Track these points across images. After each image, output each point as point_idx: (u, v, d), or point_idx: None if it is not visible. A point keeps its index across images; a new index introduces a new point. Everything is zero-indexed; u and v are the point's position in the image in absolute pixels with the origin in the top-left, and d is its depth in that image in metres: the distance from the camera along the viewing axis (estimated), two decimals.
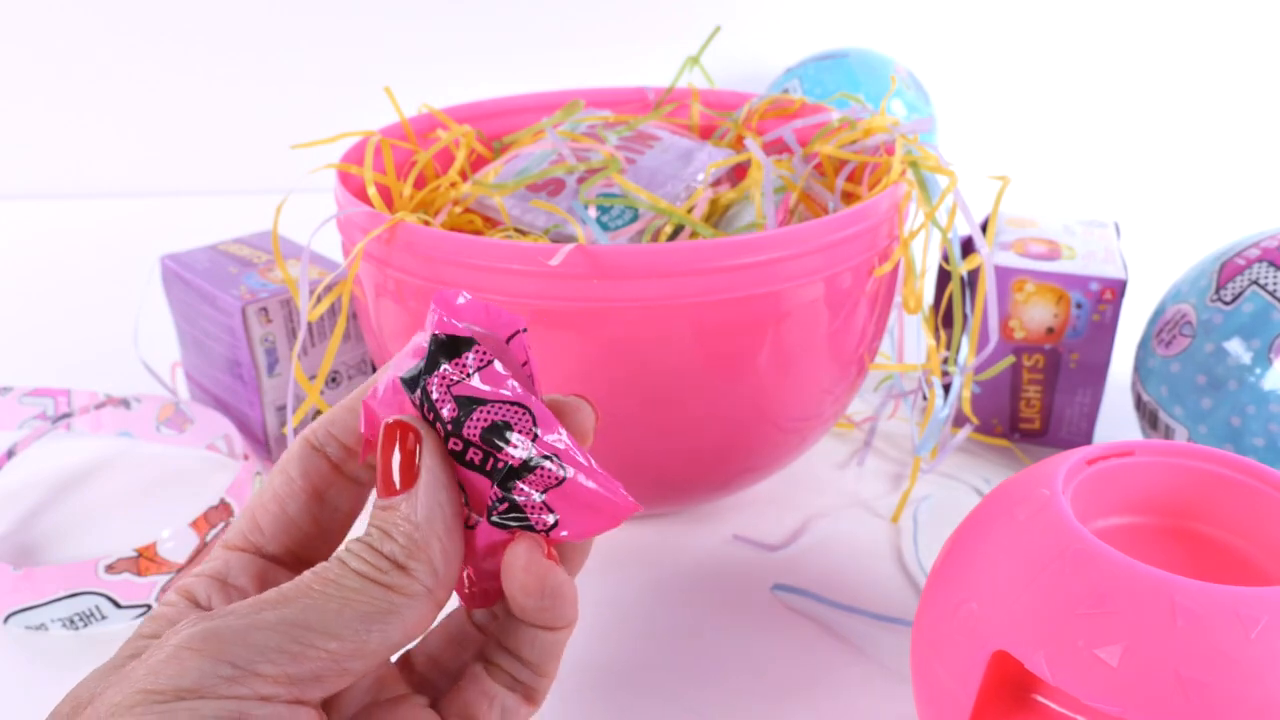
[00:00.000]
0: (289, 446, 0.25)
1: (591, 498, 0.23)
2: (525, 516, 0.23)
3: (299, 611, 0.21)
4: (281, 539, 0.25)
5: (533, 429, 0.23)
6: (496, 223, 0.49)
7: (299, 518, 0.25)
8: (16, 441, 0.49)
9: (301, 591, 0.22)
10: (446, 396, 0.23)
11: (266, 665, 0.20)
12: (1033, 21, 0.95)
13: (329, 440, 0.25)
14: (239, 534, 0.25)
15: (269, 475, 0.25)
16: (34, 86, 0.92)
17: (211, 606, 0.23)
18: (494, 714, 0.25)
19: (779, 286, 0.38)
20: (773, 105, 0.56)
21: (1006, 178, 0.47)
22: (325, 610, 0.21)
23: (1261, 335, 0.42)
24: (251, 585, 0.24)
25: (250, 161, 0.94)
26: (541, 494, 0.23)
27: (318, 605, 0.21)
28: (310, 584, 0.22)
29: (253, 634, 0.20)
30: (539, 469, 0.23)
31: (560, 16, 0.93)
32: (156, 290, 0.58)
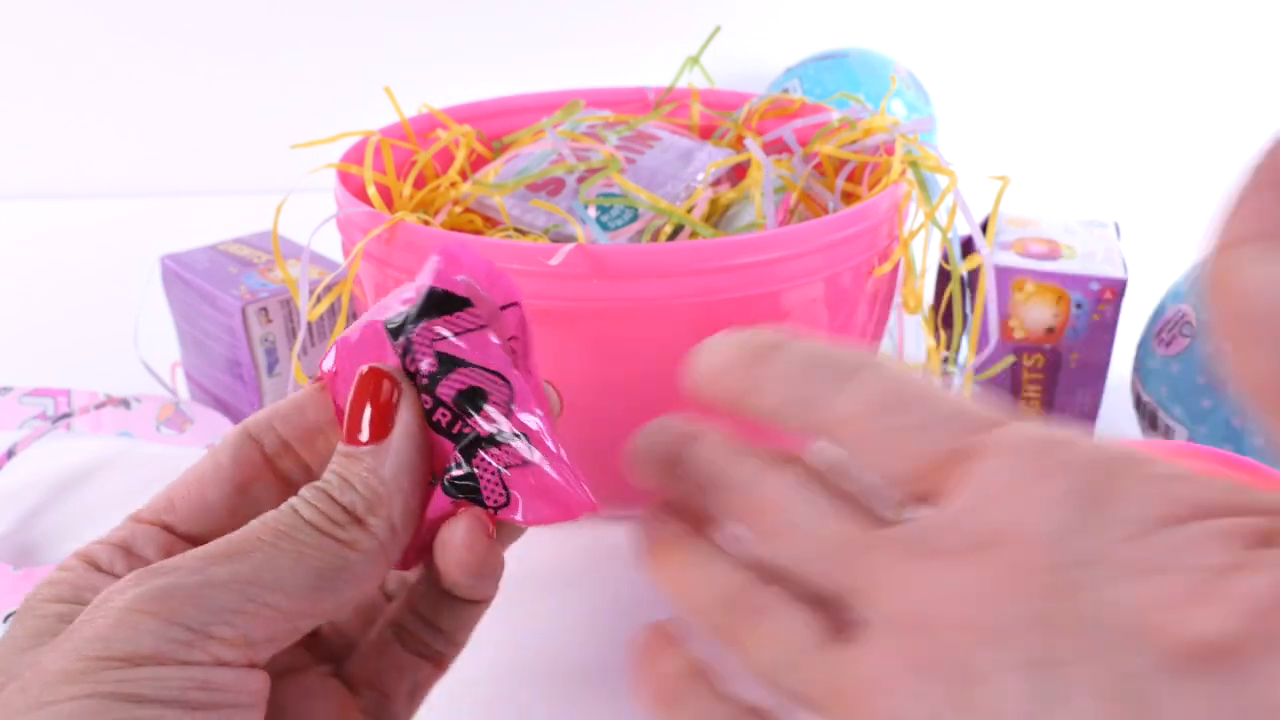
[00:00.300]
0: (226, 433, 0.25)
1: (551, 486, 0.22)
2: (478, 489, 0.22)
3: (252, 567, 0.20)
4: (194, 523, 0.23)
5: (509, 404, 0.22)
6: (496, 223, 0.49)
7: (217, 506, 0.23)
8: (16, 441, 0.49)
9: (251, 544, 0.20)
10: (428, 350, 0.22)
11: (223, 628, 0.19)
12: (1033, 21, 0.95)
13: (268, 432, 0.24)
14: (151, 510, 0.23)
15: (195, 463, 0.24)
16: (34, 86, 0.92)
17: (115, 572, 0.22)
18: (405, 684, 0.25)
19: (779, 286, 0.38)
20: (773, 105, 0.56)
21: (1006, 178, 0.47)
22: (279, 565, 0.20)
23: None
24: (157, 558, 0.22)
25: (250, 161, 0.93)
26: (502, 469, 0.22)
27: (270, 560, 0.20)
28: (260, 535, 0.20)
29: (206, 592, 0.19)
30: (505, 445, 0.22)
31: (560, 16, 0.93)
32: (156, 290, 0.58)
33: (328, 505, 0.21)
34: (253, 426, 0.24)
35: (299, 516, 0.21)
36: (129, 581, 0.19)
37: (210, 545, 0.20)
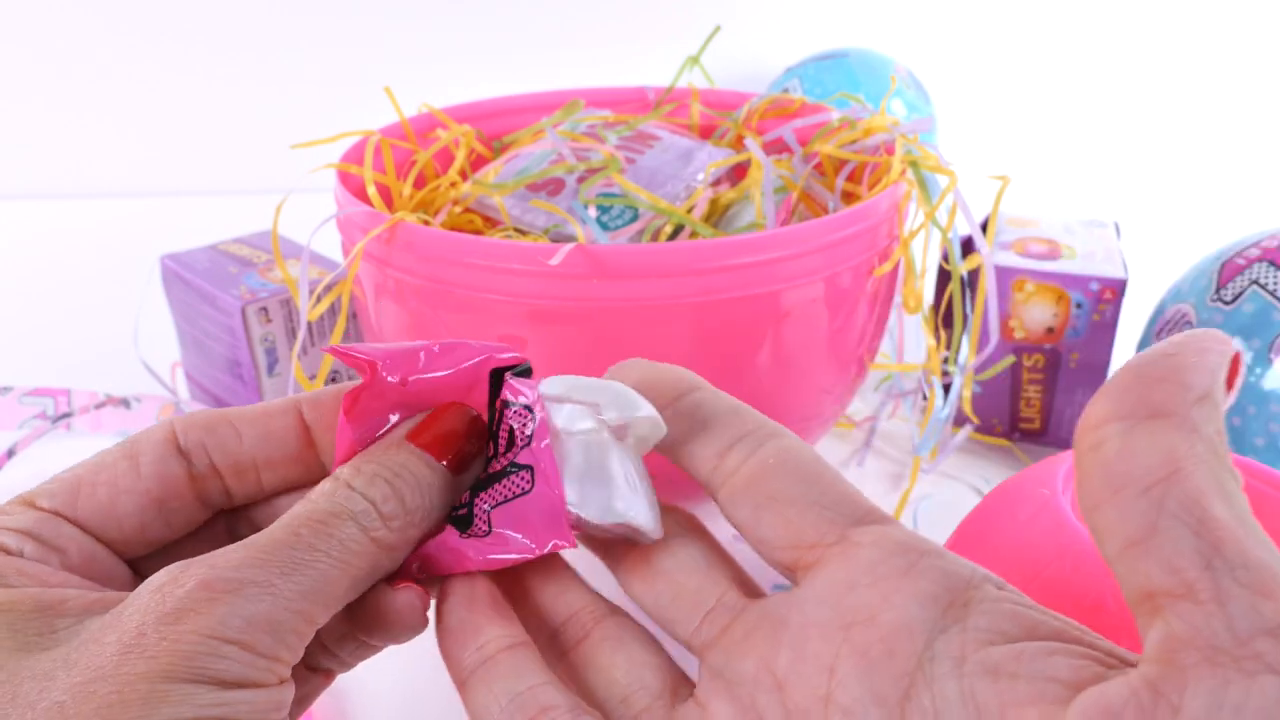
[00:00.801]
0: (149, 430, 0.22)
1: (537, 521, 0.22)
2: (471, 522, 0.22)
3: (311, 584, 0.19)
4: (98, 527, 0.21)
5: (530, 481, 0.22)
6: (496, 223, 0.49)
7: (127, 518, 0.21)
8: (16, 441, 0.49)
9: (306, 553, 0.19)
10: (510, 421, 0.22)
11: (286, 652, 0.18)
12: (1033, 21, 0.95)
13: (197, 449, 0.22)
14: (50, 499, 0.21)
15: (112, 449, 0.22)
16: (34, 86, 0.92)
17: (31, 561, 0.20)
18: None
19: (779, 286, 0.38)
20: (773, 105, 0.56)
21: (1006, 178, 0.47)
22: (330, 578, 0.19)
23: (1261, 335, 0.42)
24: (74, 553, 0.21)
25: (250, 161, 0.94)
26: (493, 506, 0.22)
27: (327, 575, 0.19)
28: (313, 542, 0.19)
29: (280, 616, 0.18)
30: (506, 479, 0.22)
31: (560, 16, 0.93)
32: (156, 290, 0.58)
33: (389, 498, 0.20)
34: (183, 439, 0.22)
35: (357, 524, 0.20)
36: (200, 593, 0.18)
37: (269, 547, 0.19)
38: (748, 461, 0.22)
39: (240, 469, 0.23)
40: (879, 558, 0.20)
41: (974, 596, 0.19)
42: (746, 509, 0.22)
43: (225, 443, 0.22)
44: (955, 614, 0.19)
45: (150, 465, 0.22)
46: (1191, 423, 0.16)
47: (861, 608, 0.19)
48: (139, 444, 0.22)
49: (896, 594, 0.19)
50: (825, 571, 0.20)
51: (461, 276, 0.38)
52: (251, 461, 0.23)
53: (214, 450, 0.22)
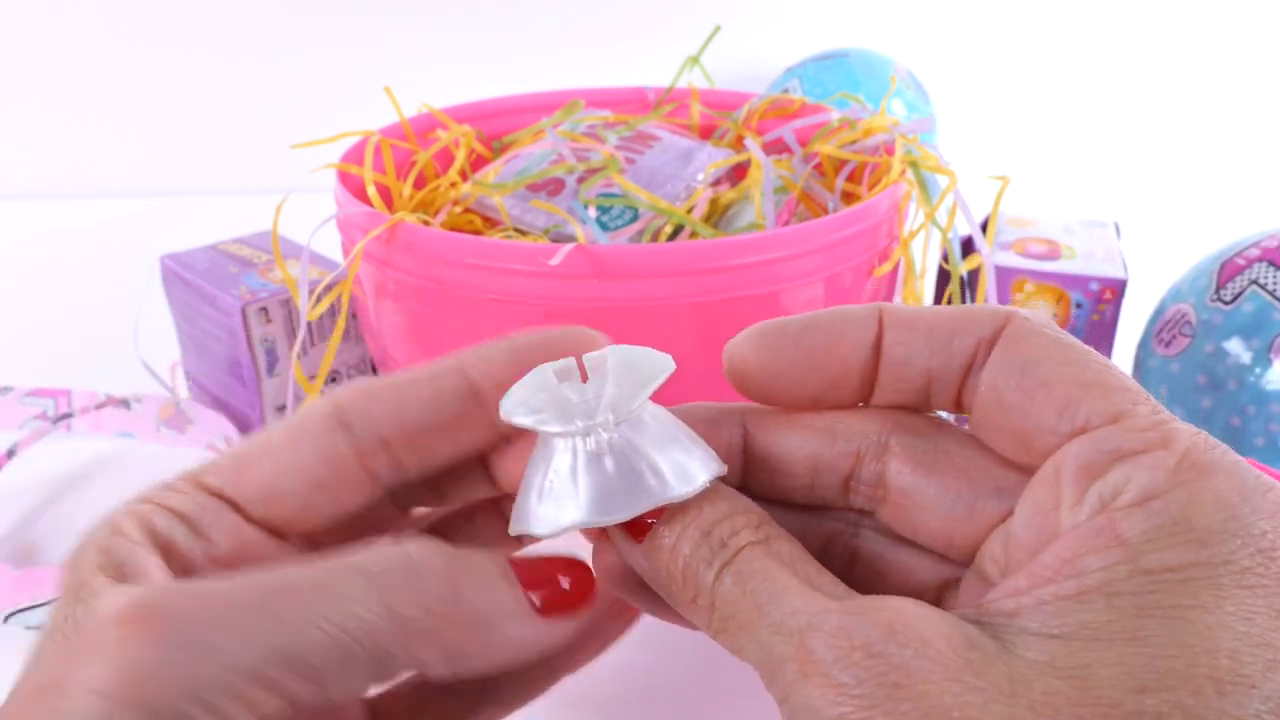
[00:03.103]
0: (314, 403, 0.21)
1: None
2: None
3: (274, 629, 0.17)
4: (261, 509, 0.20)
5: None
6: (496, 223, 0.49)
7: (288, 499, 0.20)
8: (17, 441, 0.49)
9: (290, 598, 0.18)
10: None
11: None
12: (1033, 21, 0.95)
13: (361, 420, 0.20)
14: (218, 475, 0.20)
15: (278, 425, 0.21)
16: (34, 86, 0.92)
17: (177, 547, 0.19)
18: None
19: (779, 286, 0.38)
20: (773, 105, 0.56)
21: (1006, 178, 0.47)
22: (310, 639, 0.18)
23: (1261, 335, 0.42)
24: (225, 544, 0.20)
25: (250, 161, 0.93)
26: None
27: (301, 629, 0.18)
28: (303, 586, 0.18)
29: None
30: None
31: (560, 16, 0.93)
32: (156, 290, 0.58)
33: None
34: (348, 407, 0.20)
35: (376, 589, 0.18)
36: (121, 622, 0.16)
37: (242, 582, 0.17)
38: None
39: (409, 438, 0.21)
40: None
41: None
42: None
43: (390, 411, 0.21)
44: None
45: (311, 440, 0.20)
46: None
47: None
48: (302, 418, 0.21)
49: None
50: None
51: (461, 276, 0.38)
52: (420, 428, 0.21)
53: (379, 420, 0.21)
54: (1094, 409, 0.18)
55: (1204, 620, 0.15)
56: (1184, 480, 0.17)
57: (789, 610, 0.17)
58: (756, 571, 0.18)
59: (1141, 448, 0.17)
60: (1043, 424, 0.19)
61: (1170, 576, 0.16)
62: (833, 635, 0.16)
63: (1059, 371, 0.19)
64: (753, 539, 0.19)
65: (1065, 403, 0.19)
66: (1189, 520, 0.16)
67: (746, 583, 0.18)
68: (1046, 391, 0.19)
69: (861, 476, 0.22)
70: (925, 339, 0.21)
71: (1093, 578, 0.16)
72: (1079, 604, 0.16)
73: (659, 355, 0.21)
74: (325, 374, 0.44)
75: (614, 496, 0.19)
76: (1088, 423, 0.18)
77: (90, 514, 0.22)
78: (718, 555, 0.19)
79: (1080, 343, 0.20)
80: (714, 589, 0.18)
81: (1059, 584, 0.16)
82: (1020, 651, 0.16)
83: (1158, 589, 0.16)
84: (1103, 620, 0.16)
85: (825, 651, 0.16)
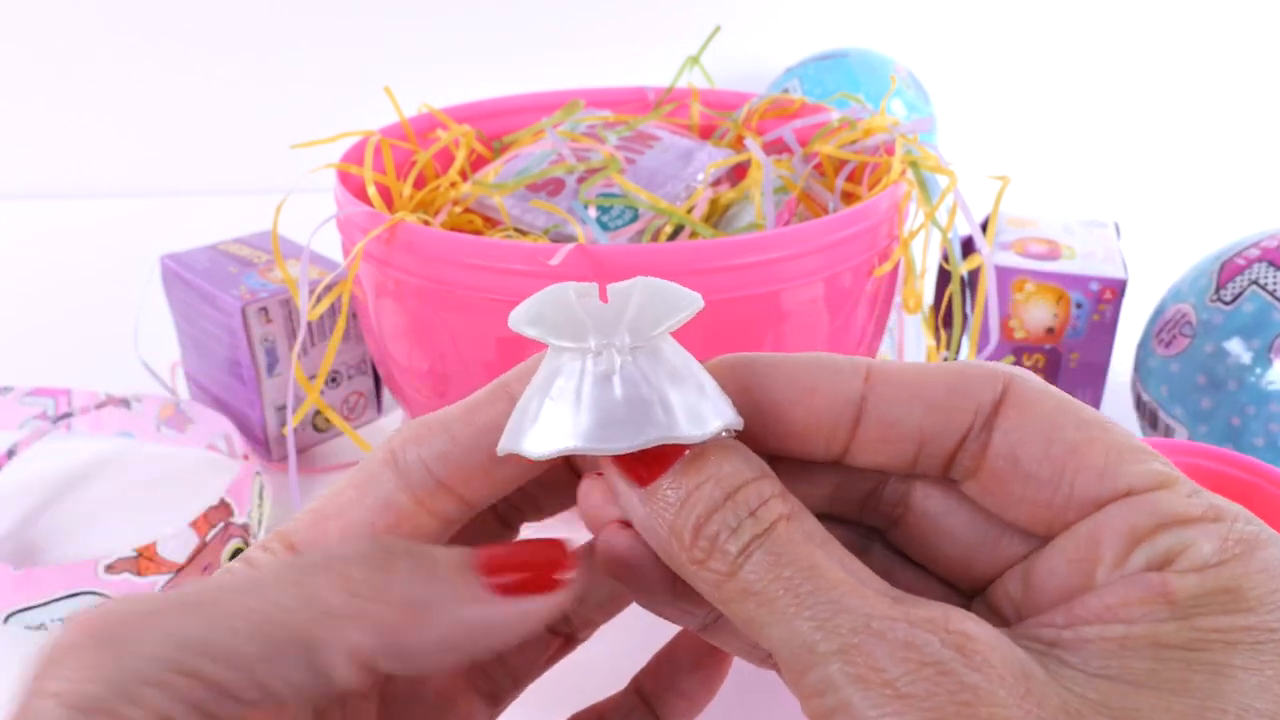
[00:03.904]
0: (373, 452, 0.21)
1: None
2: None
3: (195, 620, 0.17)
4: None
5: None
6: (496, 223, 0.49)
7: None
8: (17, 441, 0.49)
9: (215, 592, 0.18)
10: None
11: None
12: (1033, 21, 0.95)
13: (414, 467, 0.20)
14: (299, 535, 0.20)
15: (343, 478, 0.21)
16: (34, 86, 0.92)
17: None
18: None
19: (779, 286, 0.38)
20: (773, 105, 0.56)
21: (1006, 178, 0.47)
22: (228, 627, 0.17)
23: (1261, 335, 0.42)
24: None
25: (250, 161, 0.94)
26: None
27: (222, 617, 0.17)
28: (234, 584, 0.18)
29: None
30: None
31: (560, 16, 0.93)
32: (156, 290, 0.58)
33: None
34: (400, 458, 0.20)
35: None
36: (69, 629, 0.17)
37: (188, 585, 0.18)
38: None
39: (465, 475, 0.20)
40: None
41: None
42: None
43: (440, 452, 0.20)
44: None
45: (373, 491, 0.20)
46: None
47: None
48: (364, 467, 0.21)
49: None
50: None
51: (461, 276, 0.38)
52: (474, 465, 0.20)
53: (431, 461, 0.20)
54: (1135, 473, 0.18)
55: (1249, 680, 0.16)
56: (1236, 553, 0.17)
57: (840, 608, 0.17)
58: (798, 556, 0.17)
59: (1196, 516, 0.18)
60: (1076, 491, 0.19)
61: (1218, 637, 0.17)
62: (901, 648, 0.16)
63: (1087, 436, 0.19)
64: (784, 511, 0.18)
65: (1104, 468, 0.19)
66: (1240, 589, 0.17)
67: (784, 566, 0.17)
68: (1078, 459, 0.19)
69: (884, 495, 0.21)
70: (918, 400, 0.20)
71: (1140, 628, 0.17)
72: (1125, 650, 0.17)
73: (688, 291, 0.19)
74: (325, 374, 0.44)
75: (617, 425, 0.18)
76: (1131, 487, 0.18)
77: (90, 514, 0.22)
78: (747, 525, 0.18)
79: (1078, 400, 0.20)
80: (740, 561, 0.18)
81: (1103, 627, 0.17)
82: (1069, 685, 0.17)
83: (1206, 647, 0.16)
84: (1149, 669, 0.16)
85: (891, 663, 0.16)
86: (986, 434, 0.20)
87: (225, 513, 0.43)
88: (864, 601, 0.17)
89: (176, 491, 0.50)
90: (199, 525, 0.42)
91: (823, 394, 0.20)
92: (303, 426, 0.52)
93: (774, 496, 0.18)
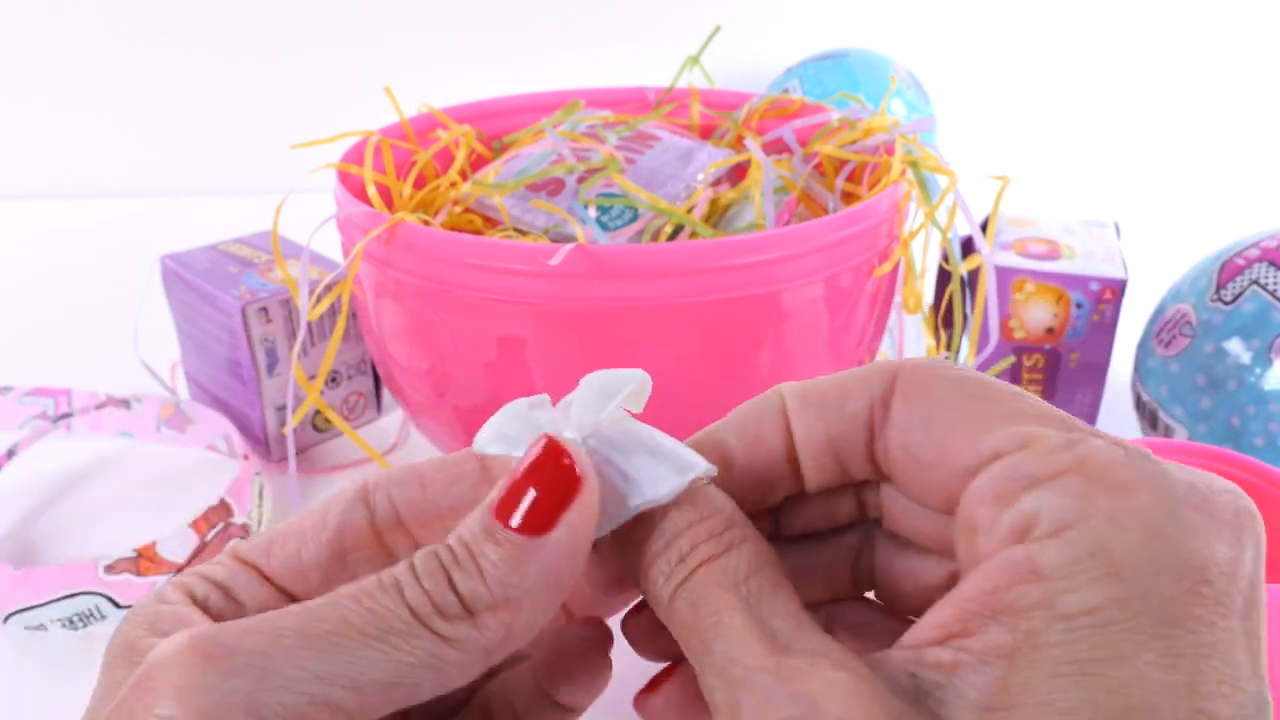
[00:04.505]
0: (345, 485, 0.22)
1: None
2: None
3: (330, 661, 0.17)
4: (288, 579, 0.21)
5: None
6: (496, 223, 0.49)
7: (311, 568, 0.21)
8: (16, 441, 0.49)
9: (338, 624, 0.17)
10: None
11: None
12: (1033, 21, 0.95)
13: (383, 502, 0.22)
14: (252, 549, 0.21)
15: (308, 509, 0.22)
16: (34, 86, 0.92)
17: (212, 611, 0.20)
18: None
19: (779, 286, 0.38)
20: (773, 105, 0.56)
21: (1006, 178, 0.47)
22: (360, 658, 0.17)
23: (1261, 335, 0.42)
24: (251, 607, 0.20)
25: (250, 161, 0.94)
26: None
27: (353, 650, 0.17)
28: (348, 617, 0.17)
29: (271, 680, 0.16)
30: None
31: (560, 16, 0.93)
32: (156, 290, 0.58)
33: (440, 590, 0.18)
34: (371, 494, 0.22)
35: (401, 599, 0.18)
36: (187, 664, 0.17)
37: (289, 615, 0.17)
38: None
39: (426, 519, 0.22)
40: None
41: None
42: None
43: (410, 493, 0.22)
44: None
45: (335, 516, 0.21)
46: None
47: None
48: (335, 495, 0.22)
49: None
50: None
51: (461, 276, 0.38)
52: (436, 510, 0.22)
53: (399, 501, 0.22)
54: (1002, 436, 0.17)
55: (1117, 675, 0.15)
56: (1102, 505, 0.16)
57: (729, 657, 0.17)
58: (708, 600, 0.18)
59: (1052, 472, 0.16)
60: (957, 469, 0.18)
61: (1087, 621, 0.15)
62: (761, 700, 0.16)
63: (964, 410, 0.18)
64: (712, 552, 0.18)
65: (973, 437, 0.18)
66: (1106, 550, 0.15)
67: (698, 610, 0.18)
68: (953, 435, 0.18)
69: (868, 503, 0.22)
70: (819, 411, 0.20)
71: (1023, 626, 0.15)
72: (1011, 665, 0.15)
73: (630, 371, 0.21)
74: (325, 374, 0.44)
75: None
76: (997, 451, 0.17)
77: (90, 514, 0.22)
78: (676, 572, 0.18)
79: (986, 377, 0.19)
80: (670, 608, 0.18)
81: (989, 633, 0.16)
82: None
83: (1074, 639, 0.15)
84: (1023, 681, 0.15)
85: (750, 716, 0.16)
86: (886, 428, 0.19)
87: (225, 513, 0.43)
88: (747, 650, 0.17)
89: (176, 491, 0.50)
90: (199, 525, 0.42)
91: (764, 439, 0.21)
92: (302, 426, 0.52)
93: (708, 539, 0.19)
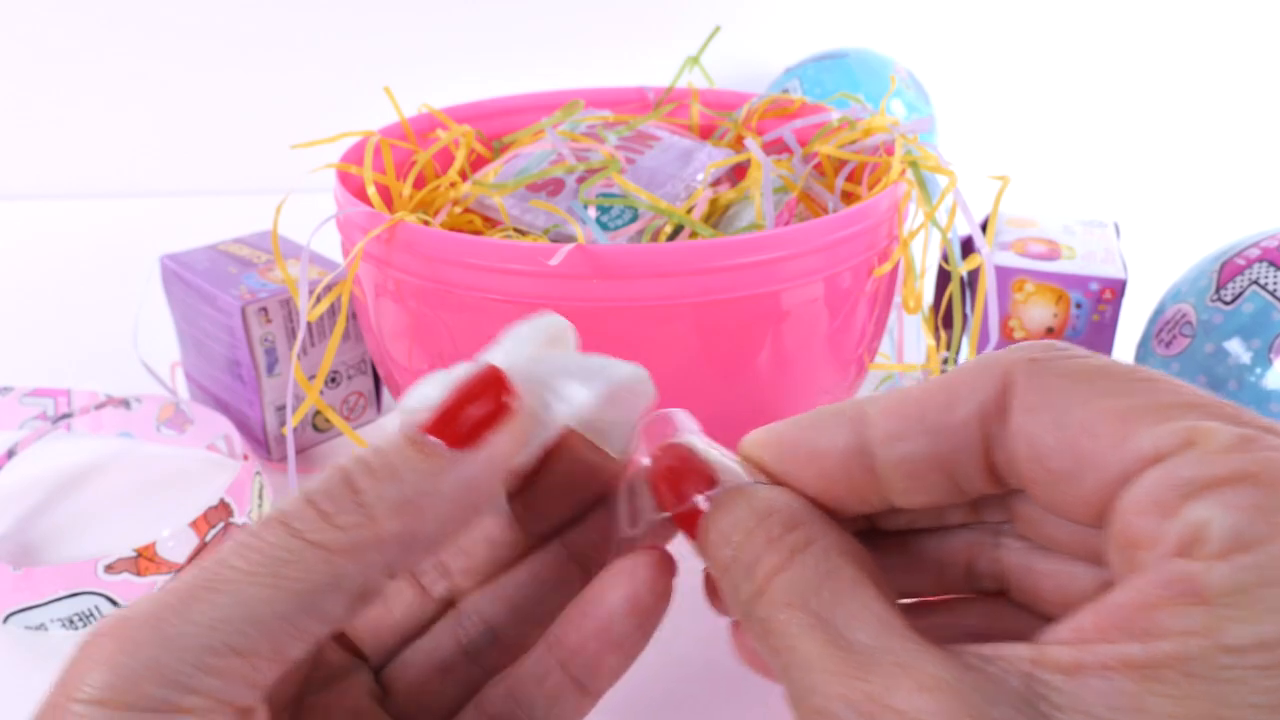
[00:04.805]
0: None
1: None
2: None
3: (217, 602, 0.17)
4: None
5: None
6: (496, 223, 0.49)
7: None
8: (16, 441, 0.49)
9: (222, 571, 0.17)
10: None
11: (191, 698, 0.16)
12: (1033, 21, 0.95)
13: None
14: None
15: None
16: (34, 86, 0.92)
17: None
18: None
19: (779, 286, 0.38)
20: (773, 105, 0.56)
21: (1006, 178, 0.47)
22: (249, 597, 0.17)
23: (1261, 335, 0.42)
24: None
25: (250, 161, 0.94)
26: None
27: (240, 591, 0.17)
28: (230, 559, 0.17)
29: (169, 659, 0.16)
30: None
31: (560, 16, 0.93)
32: (156, 290, 0.58)
33: (339, 497, 0.18)
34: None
35: (285, 529, 0.18)
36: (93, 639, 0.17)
37: (183, 578, 0.18)
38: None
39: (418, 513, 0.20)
40: None
41: None
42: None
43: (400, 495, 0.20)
44: None
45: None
46: None
47: None
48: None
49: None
50: None
51: (461, 276, 0.38)
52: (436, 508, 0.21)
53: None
54: (1163, 434, 0.15)
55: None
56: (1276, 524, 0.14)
57: (805, 687, 0.16)
58: (778, 625, 0.17)
59: (1224, 476, 0.14)
60: (1106, 476, 0.15)
61: (1258, 660, 0.13)
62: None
63: (1103, 406, 0.16)
64: (777, 562, 0.17)
65: (1121, 438, 0.15)
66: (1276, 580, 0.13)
67: (770, 637, 0.17)
68: (1093, 439, 0.16)
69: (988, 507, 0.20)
70: (917, 429, 0.18)
71: (1168, 646, 0.13)
72: (1147, 681, 0.13)
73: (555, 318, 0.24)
74: (325, 374, 0.44)
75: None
76: (1158, 451, 0.15)
77: (90, 514, 0.22)
78: (743, 588, 0.18)
79: (1115, 361, 0.17)
80: (747, 629, 0.18)
81: (1126, 644, 0.14)
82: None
83: (1243, 679, 0.13)
84: (1168, 712, 0.13)
85: None
86: (1007, 437, 0.17)
87: (225, 513, 0.43)
88: (822, 678, 0.16)
89: (176, 491, 0.50)
90: (199, 525, 0.42)
91: (823, 456, 0.19)
92: (302, 426, 0.52)
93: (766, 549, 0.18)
